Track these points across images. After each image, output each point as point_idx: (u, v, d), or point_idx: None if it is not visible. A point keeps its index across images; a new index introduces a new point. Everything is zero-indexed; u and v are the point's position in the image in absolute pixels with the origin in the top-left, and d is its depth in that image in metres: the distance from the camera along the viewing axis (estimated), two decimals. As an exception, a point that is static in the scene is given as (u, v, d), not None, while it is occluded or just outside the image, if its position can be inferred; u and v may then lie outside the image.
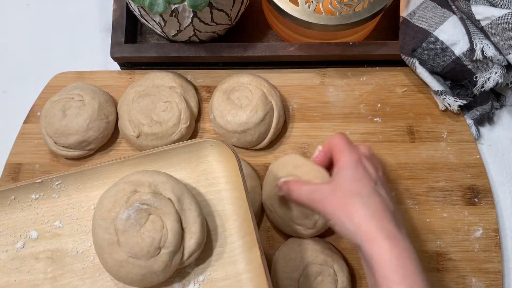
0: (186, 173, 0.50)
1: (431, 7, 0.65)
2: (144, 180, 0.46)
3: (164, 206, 0.45)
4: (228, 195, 0.49)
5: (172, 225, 0.44)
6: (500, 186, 0.67)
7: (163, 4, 0.58)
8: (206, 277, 0.48)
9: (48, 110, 0.66)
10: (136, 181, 0.46)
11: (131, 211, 0.44)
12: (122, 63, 0.72)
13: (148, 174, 0.46)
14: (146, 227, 0.44)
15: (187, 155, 0.50)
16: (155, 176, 0.46)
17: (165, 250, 0.44)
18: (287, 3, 0.63)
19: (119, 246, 0.44)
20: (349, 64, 0.71)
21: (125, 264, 0.44)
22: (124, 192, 0.45)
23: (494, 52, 0.62)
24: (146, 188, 0.45)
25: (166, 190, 0.45)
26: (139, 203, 0.45)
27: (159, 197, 0.45)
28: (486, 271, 0.62)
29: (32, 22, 0.79)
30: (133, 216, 0.44)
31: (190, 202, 0.46)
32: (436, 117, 0.69)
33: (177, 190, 0.46)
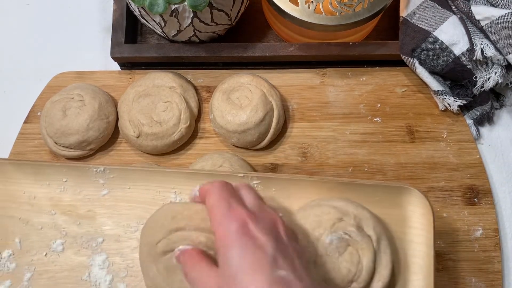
0: (378, 212, 0.50)
1: (431, 7, 0.65)
2: (350, 211, 0.46)
3: (365, 243, 0.45)
4: (416, 248, 0.49)
5: (368, 263, 0.45)
6: (500, 186, 0.67)
7: (163, 4, 0.58)
8: None
9: (48, 110, 0.66)
10: (342, 209, 0.46)
11: (334, 237, 0.45)
12: (122, 63, 0.72)
13: (354, 206, 0.47)
14: (344, 257, 0.45)
15: (384, 196, 0.50)
16: (360, 210, 0.47)
17: (356, 285, 0.45)
18: (287, 3, 0.63)
19: (315, 266, 0.45)
20: (349, 64, 0.71)
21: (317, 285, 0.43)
22: (330, 216, 0.46)
23: (494, 52, 0.62)
24: (352, 219, 0.46)
25: (368, 226, 0.46)
26: (343, 232, 0.45)
27: (361, 232, 0.46)
28: (486, 271, 0.62)
29: (32, 22, 0.79)
30: (335, 242, 0.45)
31: (386, 245, 0.47)
32: (436, 117, 0.69)
33: (378, 230, 0.46)
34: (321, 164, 0.67)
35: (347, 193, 0.50)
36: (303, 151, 0.68)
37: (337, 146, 0.68)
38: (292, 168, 0.67)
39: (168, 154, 0.68)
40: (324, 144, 0.68)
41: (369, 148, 0.67)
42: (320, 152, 0.67)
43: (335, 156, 0.67)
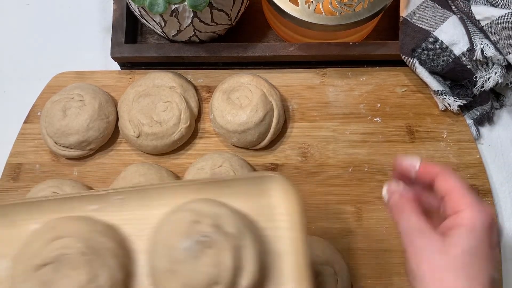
0: (247, 205, 0.49)
1: (431, 7, 0.65)
2: (207, 211, 0.45)
3: (224, 241, 0.43)
4: (286, 235, 0.48)
5: (230, 263, 0.43)
6: (500, 186, 0.67)
7: (163, 4, 0.58)
8: None
9: (48, 110, 0.66)
10: (199, 211, 0.45)
11: (191, 242, 0.43)
12: (122, 63, 0.72)
13: (211, 205, 0.46)
14: (203, 260, 0.43)
15: (251, 187, 0.49)
16: (218, 208, 0.45)
17: (219, 286, 0.43)
18: (287, 3, 0.63)
19: (174, 275, 0.43)
20: (349, 64, 0.71)
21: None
22: (185, 220, 0.44)
23: (494, 52, 0.62)
24: (209, 219, 0.44)
25: (227, 224, 0.44)
26: (199, 235, 0.43)
27: (219, 231, 0.44)
28: (486, 271, 0.62)
29: (32, 22, 0.79)
30: (192, 247, 0.43)
31: (250, 239, 0.45)
32: (436, 117, 0.69)
33: (238, 226, 0.45)
34: (321, 164, 0.67)
35: (213, 191, 0.48)
36: (303, 151, 0.68)
37: (337, 146, 0.68)
38: (292, 168, 0.67)
39: (168, 154, 0.68)
40: (324, 144, 0.68)
41: (369, 148, 0.67)
42: (320, 152, 0.67)
43: (335, 156, 0.67)
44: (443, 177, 0.42)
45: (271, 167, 0.67)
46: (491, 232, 0.39)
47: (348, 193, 0.66)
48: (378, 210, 0.65)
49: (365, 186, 0.66)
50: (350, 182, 0.66)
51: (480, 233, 0.38)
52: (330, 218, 0.64)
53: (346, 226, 0.64)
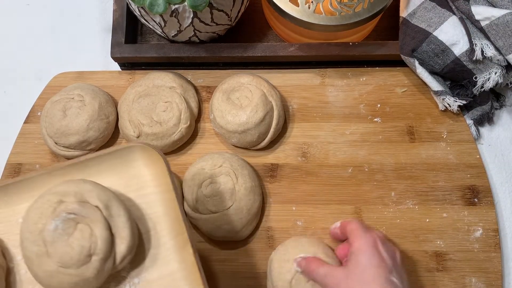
0: (115, 179, 0.50)
1: (431, 7, 0.65)
2: (70, 190, 0.45)
3: (92, 214, 0.45)
4: (158, 198, 0.50)
5: (101, 232, 0.44)
6: (500, 186, 0.67)
7: (163, 4, 0.58)
8: (141, 279, 0.48)
9: (48, 110, 0.66)
10: (62, 192, 0.45)
11: (58, 221, 0.44)
12: (122, 63, 0.72)
13: (74, 184, 0.46)
14: (74, 236, 0.44)
15: (115, 161, 0.50)
16: (81, 185, 0.46)
17: (96, 257, 0.44)
18: (287, 3, 0.63)
19: (48, 257, 0.44)
20: (349, 64, 0.71)
21: (55, 274, 0.44)
22: (49, 203, 0.45)
23: (494, 52, 0.62)
24: (72, 197, 0.45)
25: (92, 198, 0.45)
26: (65, 213, 0.44)
27: (86, 206, 0.45)
28: (486, 271, 0.62)
29: (32, 22, 0.79)
30: (61, 226, 0.44)
31: (118, 207, 0.46)
32: (436, 117, 0.69)
33: (103, 197, 0.46)
34: (321, 164, 0.67)
35: (79, 173, 0.49)
36: (303, 151, 0.68)
37: (337, 146, 0.68)
38: (292, 168, 0.67)
39: (168, 154, 0.68)
40: (324, 144, 0.68)
41: (369, 148, 0.67)
42: (320, 152, 0.67)
43: (335, 156, 0.67)
44: (348, 224, 0.57)
45: (271, 167, 0.67)
46: (377, 249, 0.52)
47: (348, 193, 0.66)
48: (378, 210, 0.65)
49: (365, 186, 0.66)
50: (350, 182, 0.66)
51: (368, 252, 0.52)
52: (330, 218, 0.64)
53: (346, 226, 0.64)
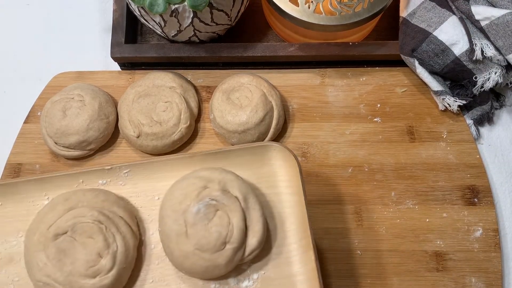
0: (250, 173, 0.52)
1: (431, 7, 0.65)
2: (214, 177, 0.48)
3: (232, 204, 0.47)
4: (288, 199, 0.52)
5: (238, 223, 0.47)
6: (500, 186, 0.67)
7: (163, 4, 0.58)
8: (260, 275, 0.50)
9: (48, 110, 0.66)
10: (207, 177, 0.48)
11: (201, 205, 0.47)
12: (122, 63, 0.72)
13: (218, 172, 0.49)
14: (214, 221, 0.47)
15: (252, 157, 0.52)
16: (224, 174, 0.49)
17: (230, 246, 0.46)
18: (287, 4, 0.63)
19: (187, 237, 0.47)
20: (349, 64, 0.71)
21: (191, 256, 0.46)
22: (195, 187, 0.48)
23: (494, 52, 0.62)
24: (216, 184, 0.48)
25: (234, 188, 0.48)
26: (209, 198, 0.47)
27: (227, 195, 0.48)
28: (486, 271, 0.62)
29: (32, 22, 0.79)
30: (203, 210, 0.47)
31: (255, 202, 0.48)
32: (435, 117, 0.69)
33: (243, 189, 0.48)
34: (321, 164, 0.67)
35: (217, 162, 0.52)
36: (303, 151, 0.68)
37: (337, 146, 0.68)
38: (292, 168, 0.67)
39: (168, 154, 0.68)
40: (324, 144, 0.68)
41: (369, 148, 0.67)
42: (320, 152, 0.67)
43: (335, 156, 0.67)
44: None
45: (271, 167, 0.67)
46: None
47: (348, 193, 0.66)
48: (378, 210, 0.65)
49: (365, 186, 0.66)
50: (350, 182, 0.66)
51: None
52: (330, 218, 0.64)
53: (346, 226, 0.64)
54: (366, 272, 0.62)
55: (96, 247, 0.47)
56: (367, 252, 0.63)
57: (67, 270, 0.46)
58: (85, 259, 0.47)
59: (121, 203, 0.50)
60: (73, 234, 0.47)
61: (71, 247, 0.47)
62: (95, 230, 0.47)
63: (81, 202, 0.49)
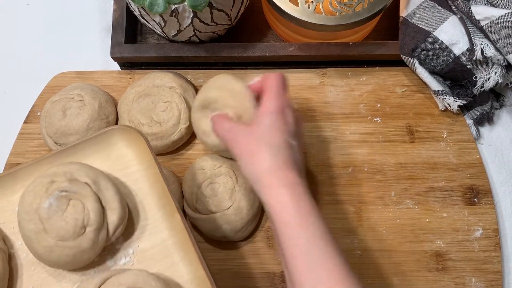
0: (100, 162, 0.53)
1: (431, 7, 0.65)
2: (59, 171, 0.49)
3: (82, 190, 0.48)
4: (142, 175, 0.53)
5: (92, 205, 0.48)
6: (500, 186, 0.67)
7: (163, 4, 0.58)
8: (135, 249, 0.51)
9: (48, 110, 0.66)
10: (52, 173, 0.49)
11: (51, 199, 0.47)
12: (122, 63, 0.72)
13: (62, 165, 0.50)
14: (68, 211, 0.47)
15: (99, 145, 0.53)
16: (69, 166, 0.49)
17: (90, 228, 0.47)
18: (287, 3, 0.63)
19: (46, 233, 0.47)
20: (349, 64, 0.71)
21: (54, 248, 0.47)
22: (42, 185, 0.48)
23: (494, 52, 0.62)
24: (62, 177, 0.48)
25: (81, 175, 0.49)
26: (58, 191, 0.48)
27: (76, 183, 0.48)
28: (486, 271, 0.62)
29: (32, 22, 0.79)
30: (54, 203, 0.47)
31: (106, 182, 0.49)
32: (436, 117, 0.69)
33: (91, 174, 0.49)
34: (321, 164, 0.67)
35: (67, 160, 0.52)
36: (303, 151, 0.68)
37: (337, 146, 0.68)
38: (292, 168, 0.67)
39: (168, 154, 0.68)
40: (324, 144, 0.68)
41: (369, 148, 0.67)
42: (320, 152, 0.67)
43: (335, 156, 0.67)
44: (269, 79, 0.53)
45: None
46: (283, 114, 0.51)
47: (348, 193, 0.66)
48: (378, 210, 0.65)
49: (365, 186, 0.66)
50: (350, 182, 0.66)
51: (274, 115, 0.51)
52: (330, 218, 0.64)
53: (346, 226, 0.64)
54: (366, 272, 0.62)
55: None
56: (367, 252, 0.63)
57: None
58: None
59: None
60: None
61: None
62: None
63: None
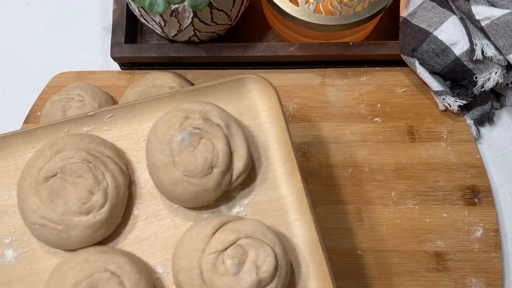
0: (230, 107, 0.53)
1: (431, 7, 0.65)
2: (195, 108, 0.49)
3: (214, 130, 0.49)
4: (269, 127, 0.53)
5: (222, 147, 0.48)
6: (500, 186, 0.67)
7: (163, 4, 0.58)
8: (250, 200, 0.51)
9: (48, 110, 0.66)
10: (188, 109, 0.50)
11: (185, 134, 0.48)
12: (122, 63, 0.72)
13: (198, 103, 0.50)
14: (199, 148, 0.48)
15: (230, 90, 0.53)
16: (204, 105, 0.50)
17: (217, 170, 0.48)
18: (287, 3, 0.63)
19: (174, 165, 0.48)
20: (349, 64, 0.71)
21: (180, 183, 0.48)
22: (177, 118, 0.49)
23: (494, 52, 0.62)
24: (197, 114, 0.49)
25: (215, 116, 0.49)
26: (191, 127, 0.48)
27: (209, 123, 0.49)
28: (486, 271, 0.62)
29: (32, 22, 0.79)
30: (187, 138, 0.48)
31: (237, 128, 0.50)
32: (436, 117, 0.69)
33: (224, 117, 0.50)
34: (321, 164, 0.67)
35: (198, 99, 0.53)
36: (303, 151, 0.68)
37: (337, 146, 0.68)
38: (292, 168, 0.67)
39: (168, 154, 0.68)
40: (324, 144, 0.68)
41: (369, 148, 0.67)
42: (320, 152, 0.67)
43: (335, 156, 0.67)
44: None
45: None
46: None
47: (348, 193, 0.65)
48: (378, 210, 0.65)
49: (365, 186, 0.66)
50: (350, 182, 0.66)
51: None
52: (330, 218, 0.64)
53: (346, 226, 0.64)
54: (366, 272, 0.62)
55: (86, 184, 0.48)
56: (367, 252, 0.63)
57: (61, 210, 0.47)
58: (77, 197, 0.47)
59: (107, 144, 0.51)
60: (63, 176, 0.48)
61: (62, 188, 0.47)
62: (84, 169, 0.48)
63: (68, 145, 0.49)
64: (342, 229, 0.64)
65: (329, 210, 0.65)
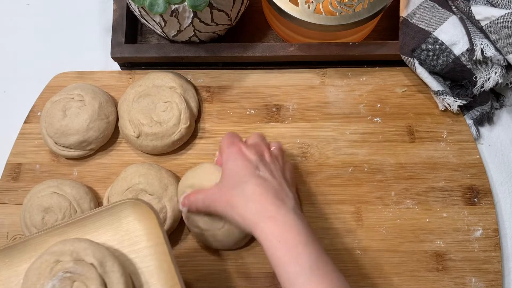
0: (110, 235, 0.52)
1: (431, 7, 0.65)
2: (66, 249, 0.47)
3: (87, 272, 0.47)
4: (151, 252, 0.51)
5: None
6: (500, 186, 0.67)
7: (163, 4, 0.58)
8: None
9: (48, 110, 0.66)
10: (58, 251, 0.47)
11: (55, 281, 0.46)
12: (122, 63, 0.72)
13: (70, 243, 0.48)
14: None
15: (109, 218, 0.52)
16: (76, 244, 0.48)
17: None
18: (287, 3, 0.63)
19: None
20: (349, 64, 0.71)
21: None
22: (47, 264, 0.47)
23: (494, 52, 0.62)
24: (68, 256, 0.47)
25: (88, 256, 0.47)
26: (62, 272, 0.46)
27: (81, 264, 0.47)
28: (486, 271, 0.62)
29: (32, 22, 0.79)
30: (58, 285, 0.46)
31: (113, 264, 0.48)
32: (436, 117, 0.69)
33: (98, 254, 0.48)
34: (321, 164, 0.67)
35: (77, 232, 0.51)
36: (303, 151, 0.68)
37: (337, 146, 0.68)
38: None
39: (168, 154, 0.68)
40: (324, 144, 0.68)
41: (369, 148, 0.67)
42: (320, 152, 0.67)
43: (335, 156, 0.67)
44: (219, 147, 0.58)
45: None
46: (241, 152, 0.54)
47: (348, 193, 0.66)
48: (378, 210, 0.65)
49: (365, 186, 0.66)
50: (350, 182, 0.66)
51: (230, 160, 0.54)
52: (330, 218, 0.64)
53: (346, 226, 0.64)
54: (366, 272, 0.62)
55: None
56: (367, 252, 0.63)
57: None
58: None
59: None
60: None
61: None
62: None
63: None
64: (342, 229, 0.64)
65: (329, 210, 0.65)
